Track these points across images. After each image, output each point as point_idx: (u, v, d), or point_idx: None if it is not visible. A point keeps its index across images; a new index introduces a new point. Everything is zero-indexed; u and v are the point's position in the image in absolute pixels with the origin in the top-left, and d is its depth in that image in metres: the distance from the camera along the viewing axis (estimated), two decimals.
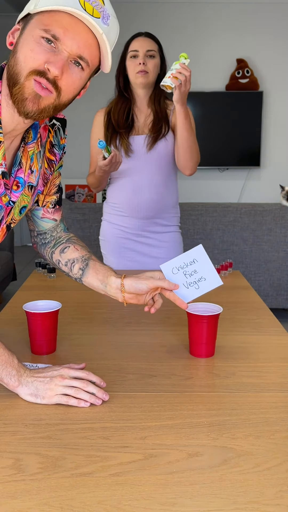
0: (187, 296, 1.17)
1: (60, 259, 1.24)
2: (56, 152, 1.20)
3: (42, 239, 1.29)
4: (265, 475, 0.78)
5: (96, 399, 0.98)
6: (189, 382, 1.09)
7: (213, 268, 1.18)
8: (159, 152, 1.96)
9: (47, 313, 1.21)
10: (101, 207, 3.47)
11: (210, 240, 3.52)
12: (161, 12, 5.07)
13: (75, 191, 5.26)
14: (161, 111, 1.97)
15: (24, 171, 1.11)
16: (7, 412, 0.96)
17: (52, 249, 1.26)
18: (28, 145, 1.10)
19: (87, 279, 1.21)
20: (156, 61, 1.94)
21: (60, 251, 1.24)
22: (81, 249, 1.24)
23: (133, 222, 2.03)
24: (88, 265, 1.20)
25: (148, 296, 1.17)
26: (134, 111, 2.00)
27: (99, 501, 0.72)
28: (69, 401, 0.97)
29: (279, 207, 3.51)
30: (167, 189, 2.03)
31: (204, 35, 5.13)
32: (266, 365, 1.18)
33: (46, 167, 1.19)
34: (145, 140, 1.96)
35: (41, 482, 0.76)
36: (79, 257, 1.22)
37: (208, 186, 5.33)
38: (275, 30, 5.11)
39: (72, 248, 1.23)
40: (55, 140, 1.18)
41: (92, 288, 1.21)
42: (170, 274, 1.17)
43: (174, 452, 0.84)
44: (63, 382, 0.99)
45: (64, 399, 0.97)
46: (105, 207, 2.14)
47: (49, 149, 1.18)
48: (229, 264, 1.98)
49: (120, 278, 1.15)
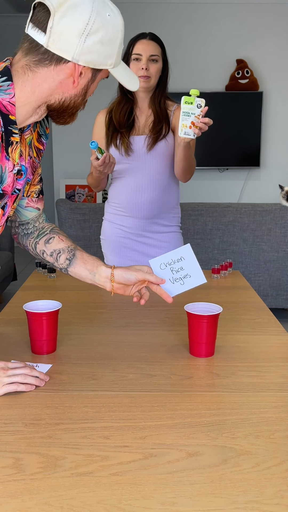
0: (172, 291, 1.23)
1: (45, 249, 1.27)
2: (43, 141, 1.24)
3: (24, 229, 1.30)
4: (265, 474, 0.78)
5: (41, 381, 1.06)
6: (189, 382, 1.09)
7: (198, 266, 1.24)
8: (160, 153, 1.96)
9: (47, 313, 1.21)
10: (101, 207, 3.47)
11: (210, 240, 3.52)
12: (161, 12, 5.07)
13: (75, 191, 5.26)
14: (162, 112, 1.97)
15: (25, 159, 1.14)
16: (7, 412, 0.96)
17: (36, 240, 1.28)
18: (24, 132, 1.13)
19: (74, 269, 1.23)
20: (159, 65, 1.93)
21: (45, 241, 1.27)
22: (66, 239, 1.27)
23: (134, 222, 2.03)
24: (75, 256, 1.23)
25: (135, 288, 1.21)
26: (135, 112, 2.00)
27: (99, 500, 0.72)
28: (17, 388, 1.02)
29: (279, 207, 3.51)
30: (168, 189, 2.03)
31: (204, 35, 5.13)
32: (265, 365, 1.18)
33: (35, 156, 1.23)
34: (145, 141, 1.96)
35: (41, 481, 0.76)
36: (65, 247, 1.25)
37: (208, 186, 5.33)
38: (275, 30, 5.11)
39: (57, 239, 1.26)
40: (41, 130, 1.22)
41: (78, 277, 1.24)
42: (158, 269, 1.23)
43: (174, 452, 0.84)
44: (8, 373, 1.04)
45: (12, 387, 1.02)
46: (106, 206, 2.14)
47: (37, 138, 1.21)
48: (229, 264, 1.98)
49: (110, 268, 1.19)
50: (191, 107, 1.59)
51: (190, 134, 1.63)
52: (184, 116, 1.61)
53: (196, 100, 1.59)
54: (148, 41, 1.92)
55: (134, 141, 1.97)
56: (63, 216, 3.52)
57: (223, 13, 5.11)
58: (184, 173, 1.96)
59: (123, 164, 1.96)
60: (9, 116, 1.00)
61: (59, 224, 3.54)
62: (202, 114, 1.61)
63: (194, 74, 5.13)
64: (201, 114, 1.60)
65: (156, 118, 1.97)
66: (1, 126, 0.99)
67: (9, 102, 1.00)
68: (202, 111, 1.60)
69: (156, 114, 1.97)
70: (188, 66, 5.08)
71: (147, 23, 4.93)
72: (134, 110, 2.01)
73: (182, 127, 1.62)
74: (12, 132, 1.02)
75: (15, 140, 1.03)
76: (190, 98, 1.59)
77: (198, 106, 1.59)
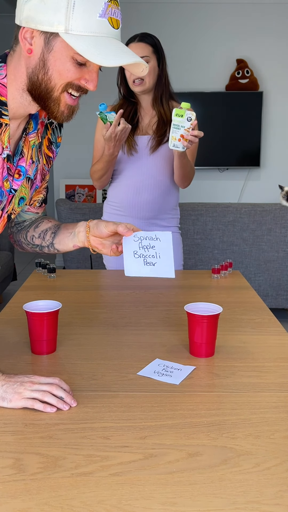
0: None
1: (34, 234, 1.28)
2: (54, 149, 1.23)
3: (19, 226, 1.32)
4: (265, 475, 0.78)
5: (63, 404, 0.97)
6: (189, 382, 1.09)
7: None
8: (162, 154, 1.96)
9: (47, 313, 1.21)
10: (101, 207, 3.47)
11: (210, 240, 3.52)
12: (161, 12, 5.07)
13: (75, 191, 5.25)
14: (166, 114, 1.96)
15: (26, 160, 1.13)
16: (7, 412, 0.96)
17: (27, 229, 1.30)
18: (29, 135, 1.13)
19: (57, 239, 1.24)
20: (152, 64, 1.90)
21: (34, 227, 1.28)
22: (53, 220, 1.28)
23: (133, 222, 2.03)
24: (59, 228, 1.25)
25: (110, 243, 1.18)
26: (140, 112, 2.00)
27: (99, 500, 0.72)
28: (34, 404, 0.96)
29: (279, 207, 3.51)
30: (168, 191, 2.03)
31: (204, 35, 5.13)
32: (266, 365, 1.18)
33: (45, 163, 1.22)
34: (148, 142, 1.96)
35: (41, 482, 0.76)
36: (52, 226, 1.26)
37: (208, 186, 5.33)
38: (275, 30, 5.11)
39: (45, 222, 1.28)
40: (53, 137, 1.21)
41: (63, 247, 1.24)
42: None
43: (174, 452, 0.84)
44: (33, 387, 0.98)
45: (30, 402, 0.96)
46: (105, 206, 2.14)
47: (47, 145, 1.21)
48: (229, 264, 1.98)
49: (87, 222, 1.19)
50: (181, 120, 1.60)
51: (179, 146, 1.64)
52: (174, 129, 1.62)
53: (187, 113, 1.59)
54: (137, 43, 1.90)
55: (137, 141, 1.97)
56: (63, 216, 3.52)
57: (223, 13, 5.11)
58: (181, 180, 1.99)
59: (125, 164, 1.96)
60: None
61: None
62: (192, 127, 1.61)
63: (194, 74, 5.13)
64: (190, 127, 1.61)
65: (160, 120, 1.96)
66: None
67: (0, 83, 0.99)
68: (192, 124, 1.60)
69: (160, 116, 1.96)
70: (188, 66, 5.08)
71: (147, 23, 4.93)
72: (138, 110, 2.00)
73: (171, 139, 1.64)
74: (2, 113, 1.00)
75: (5, 122, 1.01)
76: (181, 111, 1.60)
77: (188, 119, 1.60)
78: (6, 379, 1.00)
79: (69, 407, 0.98)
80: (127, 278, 1.92)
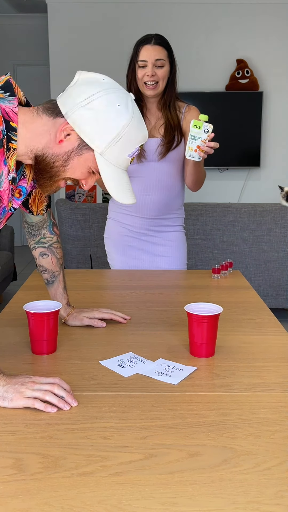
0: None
1: (37, 259, 1.43)
2: None
3: (31, 229, 1.41)
4: (265, 475, 0.78)
5: (64, 403, 0.98)
6: (189, 382, 1.09)
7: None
8: (171, 158, 1.95)
9: (48, 313, 1.21)
10: (101, 207, 3.47)
11: (210, 240, 3.52)
12: (161, 12, 5.07)
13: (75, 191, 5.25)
14: (173, 118, 1.94)
15: (27, 181, 1.17)
16: (7, 412, 0.96)
17: (35, 245, 1.42)
18: None
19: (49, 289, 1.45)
20: (165, 69, 1.89)
21: (39, 254, 1.42)
22: (55, 263, 1.42)
23: (138, 221, 2.03)
24: (52, 283, 1.43)
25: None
26: (146, 114, 1.98)
27: (100, 500, 0.72)
28: (35, 404, 0.96)
29: (279, 207, 3.51)
30: (175, 192, 2.03)
31: (204, 35, 5.13)
32: (266, 365, 1.18)
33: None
34: (157, 146, 1.94)
35: (41, 482, 0.76)
36: (50, 270, 1.43)
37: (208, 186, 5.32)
38: (275, 30, 5.11)
39: (49, 259, 1.42)
40: None
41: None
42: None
43: (174, 452, 0.84)
44: (34, 387, 0.99)
45: (31, 401, 0.97)
46: (111, 205, 2.14)
47: None
48: (229, 264, 1.98)
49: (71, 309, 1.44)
50: (198, 132, 1.65)
51: (195, 157, 1.70)
52: (191, 139, 1.68)
53: (204, 125, 1.65)
54: (153, 46, 1.88)
55: (144, 144, 1.96)
56: (63, 216, 3.52)
57: (223, 13, 5.11)
58: (194, 185, 2.02)
59: (133, 170, 1.94)
60: (10, 122, 1.01)
61: (59, 224, 3.54)
62: (208, 139, 1.66)
63: (194, 74, 5.13)
64: (207, 139, 1.66)
65: (168, 125, 1.94)
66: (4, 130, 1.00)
67: (11, 110, 1.02)
68: (209, 136, 1.65)
69: (167, 120, 1.94)
70: (188, 66, 5.08)
71: (147, 23, 4.93)
72: (143, 112, 1.99)
73: (188, 149, 1.70)
74: (11, 138, 1.02)
75: (13, 147, 1.03)
76: (199, 123, 1.65)
77: (205, 131, 1.65)
78: (7, 379, 1.01)
79: (70, 406, 0.98)
80: (127, 278, 1.92)
